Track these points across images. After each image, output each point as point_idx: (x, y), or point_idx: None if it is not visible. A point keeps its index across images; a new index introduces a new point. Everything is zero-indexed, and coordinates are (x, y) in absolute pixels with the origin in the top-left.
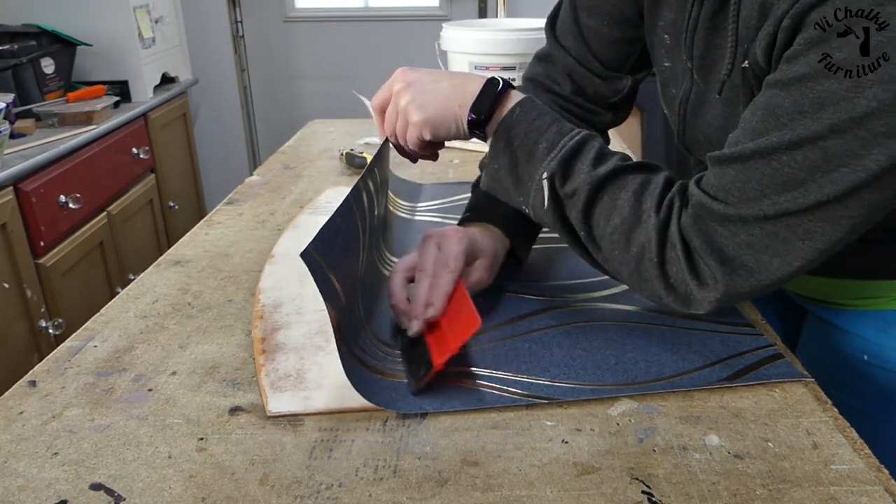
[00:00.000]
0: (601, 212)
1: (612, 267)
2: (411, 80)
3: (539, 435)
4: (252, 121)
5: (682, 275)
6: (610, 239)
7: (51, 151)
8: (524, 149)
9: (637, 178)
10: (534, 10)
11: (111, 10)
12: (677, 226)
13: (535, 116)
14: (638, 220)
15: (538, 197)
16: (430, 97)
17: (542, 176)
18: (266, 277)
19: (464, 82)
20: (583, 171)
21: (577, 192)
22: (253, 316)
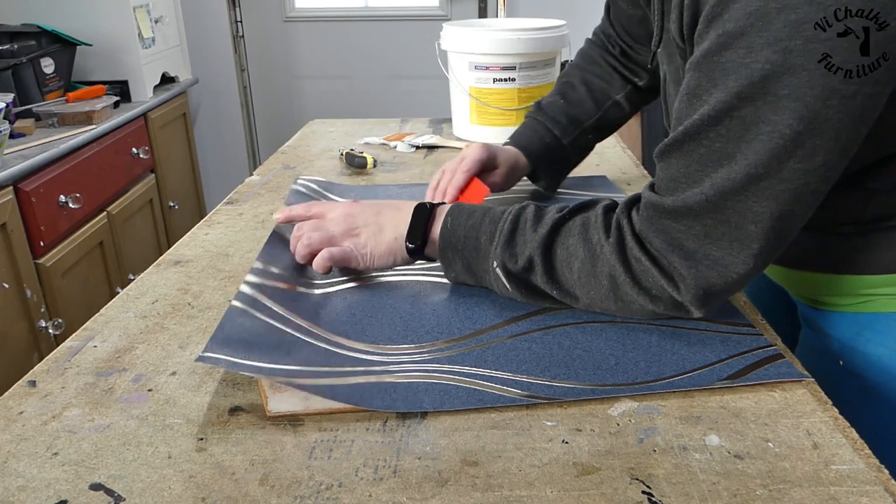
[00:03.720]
0: (561, 265)
1: (598, 306)
2: (349, 212)
3: (539, 435)
4: (252, 121)
5: (658, 282)
6: (580, 284)
7: (51, 151)
8: (469, 249)
9: (577, 220)
10: (534, 10)
11: (111, 9)
12: (633, 239)
13: (466, 217)
14: (594, 255)
15: (499, 284)
16: (370, 233)
17: (493, 266)
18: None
19: (396, 215)
20: (528, 242)
21: (531, 261)
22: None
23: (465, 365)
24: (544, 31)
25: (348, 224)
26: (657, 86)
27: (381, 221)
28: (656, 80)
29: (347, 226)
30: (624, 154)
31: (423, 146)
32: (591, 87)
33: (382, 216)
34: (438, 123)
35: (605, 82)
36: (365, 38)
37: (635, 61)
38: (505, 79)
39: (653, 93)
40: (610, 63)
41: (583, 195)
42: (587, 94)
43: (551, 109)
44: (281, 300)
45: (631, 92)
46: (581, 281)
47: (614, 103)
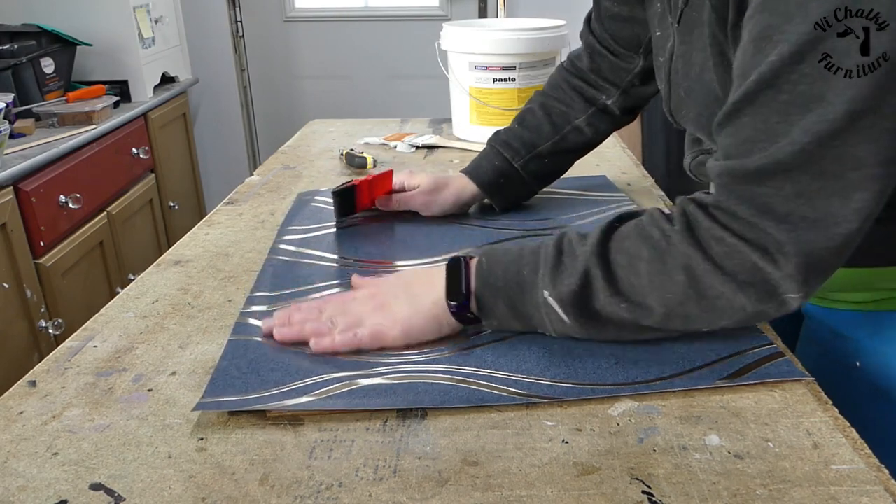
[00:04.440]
0: (624, 273)
1: (678, 314)
2: (373, 291)
3: (539, 435)
4: (252, 121)
5: (748, 260)
6: (652, 288)
7: (51, 151)
8: (512, 286)
9: (627, 224)
10: (534, 10)
11: (111, 9)
12: (708, 218)
13: (502, 254)
14: (661, 250)
15: (552, 317)
16: (402, 303)
17: (544, 296)
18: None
19: (428, 279)
20: (578, 257)
21: (587, 276)
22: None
23: (466, 365)
24: (544, 31)
25: (375, 301)
26: (630, 104)
27: (414, 290)
28: (629, 98)
29: (375, 302)
30: (624, 154)
31: (423, 146)
32: (550, 112)
33: (414, 285)
34: (438, 123)
35: (565, 106)
36: (365, 38)
37: (606, 77)
38: (505, 79)
39: (625, 114)
40: (573, 85)
41: (583, 195)
42: (545, 119)
43: (506, 135)
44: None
45: (594, 115)
46: (653, 284)
47: (574, 128)
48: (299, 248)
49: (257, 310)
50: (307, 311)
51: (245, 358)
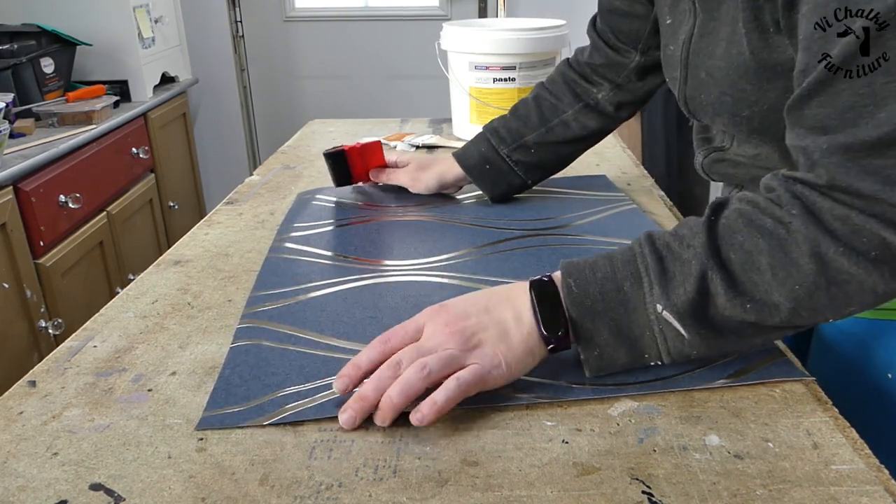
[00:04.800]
0: (744, 271)
1: (805, 308)
2: (450, 320)
3: (539, 435)
4: (252, 121)
5: (877, 235)
6: (778, 283)
7: (50, 151)
8: (614, 306)
9: (727, 217)
10: (534, 10)
11: (111, 9)
12: (827, 199)
13: (590, 271)
14: (782, 239)
15: (671, 333)
16: (494, 337)
17: (659, 311)
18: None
19: (509, 303)
20: (688, 261)
21: (704, 279)
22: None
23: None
24: (544, 31)
25: (462, 335)
26: (623, 100)
27: (499, 317)
28: (623, 93)
29: (463, 338)
30: (624, 154)
31: (423, 146)
32: (541, 104)
33: (495, 311)
34: (438, 123)
35: (556, 99)
36: (365, 38)
37: (601, 71)
38: (505, 79)
39: (618, 110)
40: (567, 79)
41: (583, 195)
42: (535, 110)
43: (498, 122)
44: (283, 319)
45: (581, 110)
46: (777, 278)
47: (561, 122)
48: (300, 245)
49: (260, 310)
50: (382, 372)
51: (247, 364)
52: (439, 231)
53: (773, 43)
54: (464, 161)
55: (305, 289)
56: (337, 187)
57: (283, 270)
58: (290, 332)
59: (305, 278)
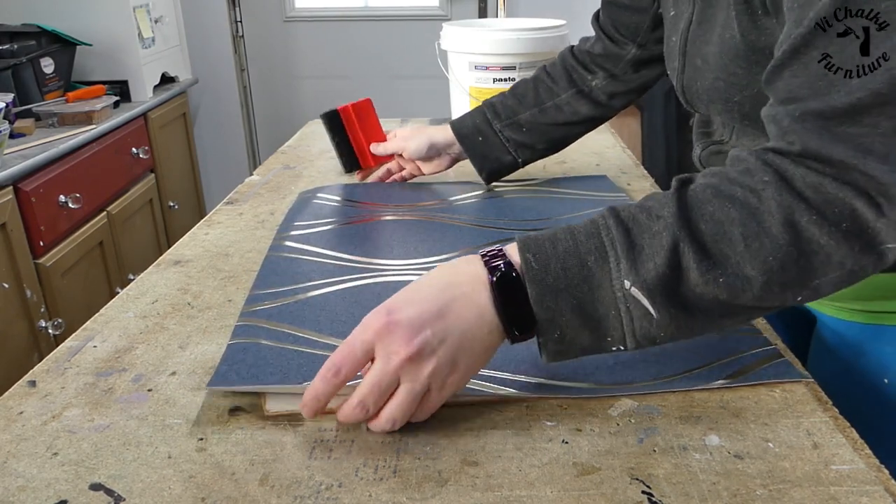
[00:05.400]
0: (716, 243)
1: (778, 281)
2: (404, 334)
3: (539, 435)
4: (252, 121)
5: (849, 207)
6: (751, 254)
7: (50, 151)
8: (577, 282)
9: (697, 187)
10: (534, 10)
11: (111, 9)
12: (800, 167)
13: (549, 245)
14: (754, 208)
15: (638, 313)
16: (453, 351)
17: (626, 288)
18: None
19: (465, 297)
20: (658, 233)
21: (676, 252)
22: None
23: None
24: (544, 31)
25: (420, 360)
26: (616, 90)
27: (457, 323)
28: (617, 83)
29: (421, 364)
30: (624, 154)
31: None
32: (538, 85)
33: (452, 314)
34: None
35: (552, 82)
36: (365, 38)
37: (599, 61)
38: (505, 79)
39: (611, 99)
40: (566, 65)
41: (583, 195)
42: (532, 90)
43: (497, 98)
44: (282, 318)
45: (574, 96)
46: (751, 249)
47: (554, 105)
48: (300, 244)
49: (259, 309)
50: (350, 416)
51: (245, 363)
52: (439, 231)
53: (761, 25)
54: (458, 129)
55: (305, 288)
56: (346, 172)
57: (283, 269)
58: (289, 330)
59: (305, 277)
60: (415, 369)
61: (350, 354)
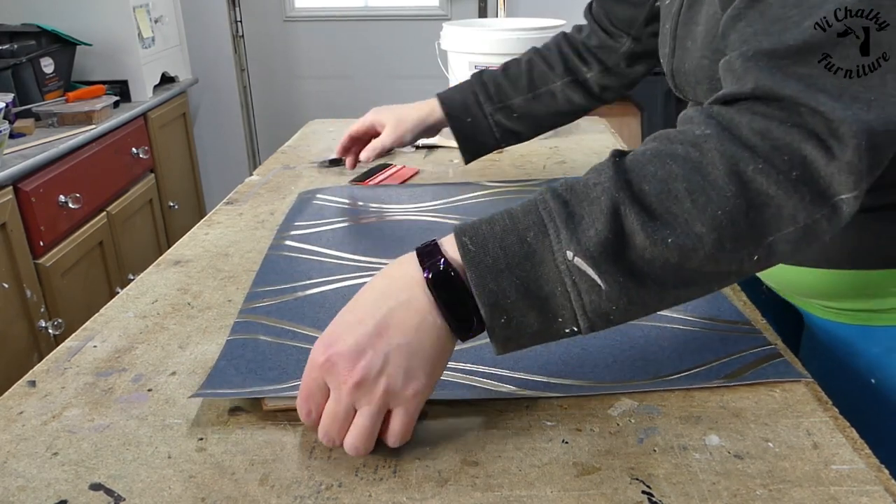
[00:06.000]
0: (660, 202)
1: (729, 236)
2: (350, 364)
3: (539, 435)
4: (252, 121)
5: (799, 152)
6: (699, 209)
7: (50, 151)
8: (518, 260)
9: (635, 152)
10: (534, 10)
11: (111, 9)
12: (745, 113)
13: (485, 227)
14: (696, 162)
15: (585, 286)
16: (401, 365)
17: (570, 259)
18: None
19: (404, 306)
20: (596, 199)
21: (616, 216)
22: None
23: (462, 361)
24: (544, 31)
25: (366, 384)
26: (609, 84)
27: (399, 338)
28: (611, 76)
29: (369, 389)
30: None
31: (423, 146)
32: (533, 68)
33: (391, 329)
34: None
35: (548, 67)
36: (365, 38)
37: (594, 52)
38: None
39: (604, 92)
40: (562, 52)
41: None
42: (526, 74)
43: (488, 76)
44: (281, 314)
45: (570, 84)
46: (698, 205)
47: (548, 91)
48: (300, 243)
49: (258, 306)
50: (328, 437)
51: (244, 358)
52: (440, 231)
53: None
54: (449, 107)
55: (304, 286)
56: (341, 186)
57: (282, 268)
58: (288, 327)
59: (304, 276)
60: (366, 393)
61: (310, 395)
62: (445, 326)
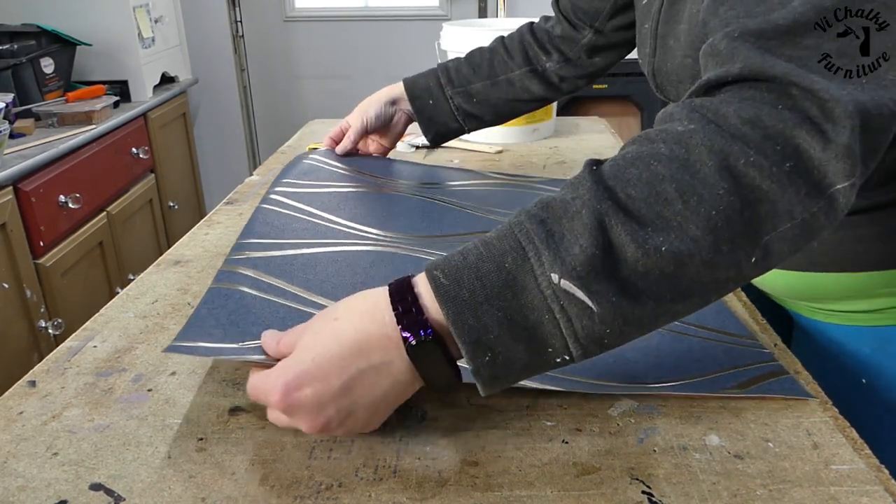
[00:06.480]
0: (648, 208)
1: (725, 238)
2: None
3: (539, 435)
4: (252, 121)
5: (789, 141)
6: (692, 210)
7: (50, 151)
8: (497, 290)
9: (613, 158)
10: (534, 10)
11: (111, 9)
12: (732, 102)
13: (458, 259)
14: (683, 160)
15: (575, 310)
16: (370, 410)
17: (556, 282)
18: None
19: (361, 353)
20: (577, 213)
21: (602, 227)
22: None
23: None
24: None
25: (327, 430)
26: (570, 74)
27: (365, 393)
28: (571, 67)
29: (328, 431)
30: None
31: (422, 146)
32: (494, 57)
33: (358, 386)
34: None
35: (508, 56)
36: (365, 38)
37: (556, 43)
38: None
39: (563, 82)
40: (523, 41)
41: None
42: (487, 61)
43: (452, 62)
44: (269, 269)
45: (527, 74)
46: (690, 205)
47: (507, 80)
48: (293, 201)
49: (246, 257)
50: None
51: (225, 308)
52: (439, 212)
53: None
54: (411, 89)
55: (296, 244)
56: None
57: (272, 222)
58: (276, 283)
59: (295, 234)
60: (326, 432)
61: (278, 423)
62: (421, 382)
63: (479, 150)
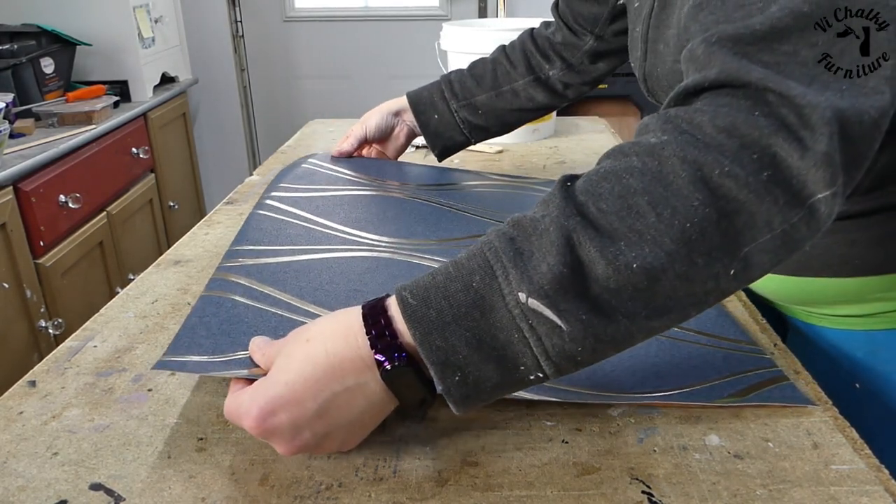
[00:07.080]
0: (620, 222)
1: (702, 250)
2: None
3: (539, 435)
4: (252, 121)
5: (767, 150)
6: (665, 223)
7: (50, 151)
8: (465, 310)
9: (585, 174)
10: (534, 10)
11: (111, 9)
12: (706, 111)
13: (426, 280)
14: (655, 172)
15: (544, 328)
16: (346, 431)
17: (523, 301)
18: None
19: (335, 377)
20: (545, 231)
21: (570, 246)
22: None
23: None
24: None
25: (303, 451)
26: (573, 81)
27: (340, 415)
28: (574, 74)
29: (304, 452)
30: None
31: (422, 146)
32: (496, 67)
33: (332, 409)
34: None
35: (511, 66)
36: (365, 38)
37: (558, 49)
38: None
39: (567, 89)
40: (525, 49)
41: None
42: (490, 72)
43: (455, 75)
44: (262, 278)
45: (531, 83)
46: (664, 218)
47: (511, 90)
48: (288, 206)
49: (239, 264)
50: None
51: (217, 317)
52: (436, 215)
53: None
54: (415, 104)
55: (289, 251)
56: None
57: (266, 228)
58: (268, 291)
59: (290, 241)
60: (302, 454)
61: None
62: (396, 402)
63: (479, 150)
